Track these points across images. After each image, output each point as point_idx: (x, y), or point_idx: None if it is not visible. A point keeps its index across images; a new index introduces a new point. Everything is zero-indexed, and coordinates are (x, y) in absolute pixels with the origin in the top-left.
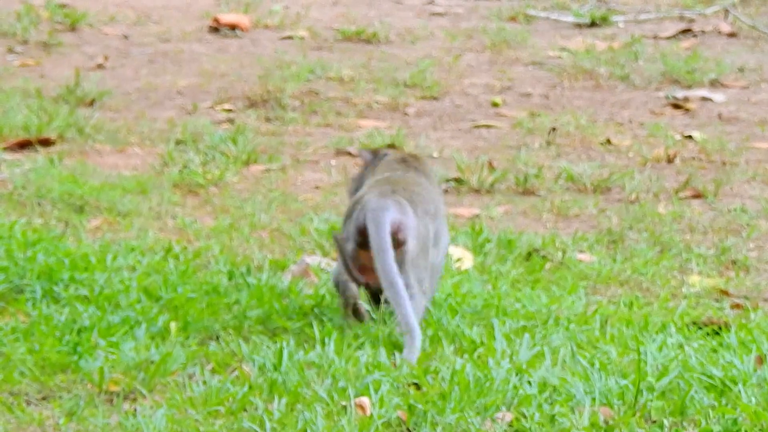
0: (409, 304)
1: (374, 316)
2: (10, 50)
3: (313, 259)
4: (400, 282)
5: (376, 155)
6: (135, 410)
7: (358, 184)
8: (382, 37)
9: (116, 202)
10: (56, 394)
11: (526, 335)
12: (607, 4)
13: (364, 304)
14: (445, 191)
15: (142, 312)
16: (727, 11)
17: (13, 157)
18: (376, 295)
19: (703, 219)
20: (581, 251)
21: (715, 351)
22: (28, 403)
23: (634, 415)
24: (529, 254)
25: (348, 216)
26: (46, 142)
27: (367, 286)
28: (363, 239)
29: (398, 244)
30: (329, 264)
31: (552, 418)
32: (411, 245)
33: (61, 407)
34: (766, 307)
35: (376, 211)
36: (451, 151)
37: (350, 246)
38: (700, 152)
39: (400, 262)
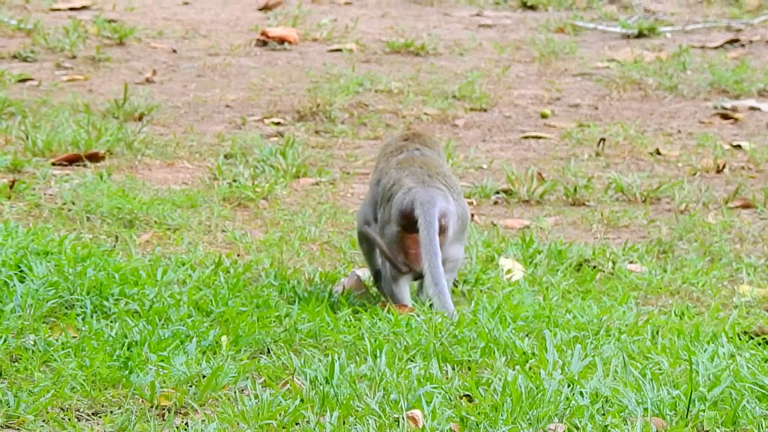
0: (448, 294)
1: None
2: (59, 66)
3: (364, 272)
4: (443, 276)
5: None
6: (186, 425)
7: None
8: (431, 49)
9: (166, 217)
10: (107, 409)
11: (578, 346)
12: (654, 14)
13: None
14: (495, 203)
15: (193, 326)
16: None
17: (63, 173)
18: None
19: (753, 229)
20: (631, 262)
21: (766, 361)
22: (79, 418)
23: (686, 425)
24: (580, 265)
25: (386, 199)
26: (95, 157)
27: (408, 271)
28: (407, 222)
29: (442, 230)
30: None
31: (605, 429)
32: (451, 230)
33: (113, 422)
34: None
35: (426, 204)
36: (501, 163)
37: (393, 229)
38: (749, 162)
39: (442, 244)
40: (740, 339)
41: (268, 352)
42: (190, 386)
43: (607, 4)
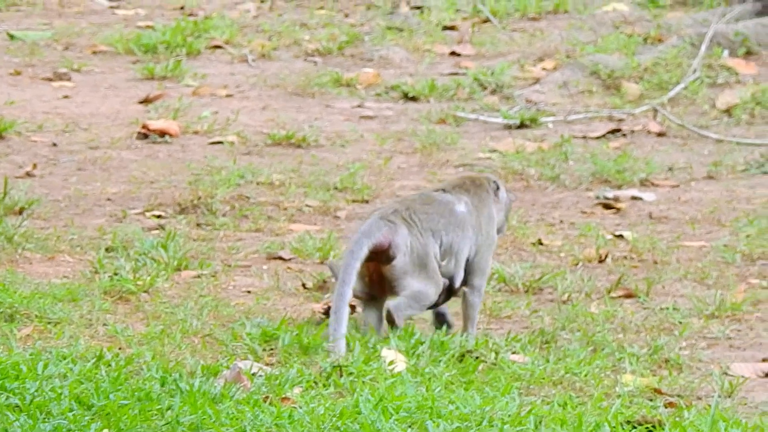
0: (343, 323)
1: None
2: None
3: (246, 365)
4: (345, 305)
5: None
6: None
7: None
8: (312, 141)
9: (47, 310)
10: None
11: None
12: (536, 105)
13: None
14: None
15: (75, 420)
16: (656, 111)
17: None
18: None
19: (636, 318)
20: (514, 352)
21: None
22: None
23: None
24: (462, 356)
25: None
26: None
27: (371, 299)
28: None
29: (389, 259)
30: (261, 369)
31: None
32: (400, 261)
33: None
34: (700, 405)
35: (360, 234)
36: None
37: None
38: (631, 251)
39: (393, 275)
40: (623, 428)
41: None
42: None
43: (489, 94)
